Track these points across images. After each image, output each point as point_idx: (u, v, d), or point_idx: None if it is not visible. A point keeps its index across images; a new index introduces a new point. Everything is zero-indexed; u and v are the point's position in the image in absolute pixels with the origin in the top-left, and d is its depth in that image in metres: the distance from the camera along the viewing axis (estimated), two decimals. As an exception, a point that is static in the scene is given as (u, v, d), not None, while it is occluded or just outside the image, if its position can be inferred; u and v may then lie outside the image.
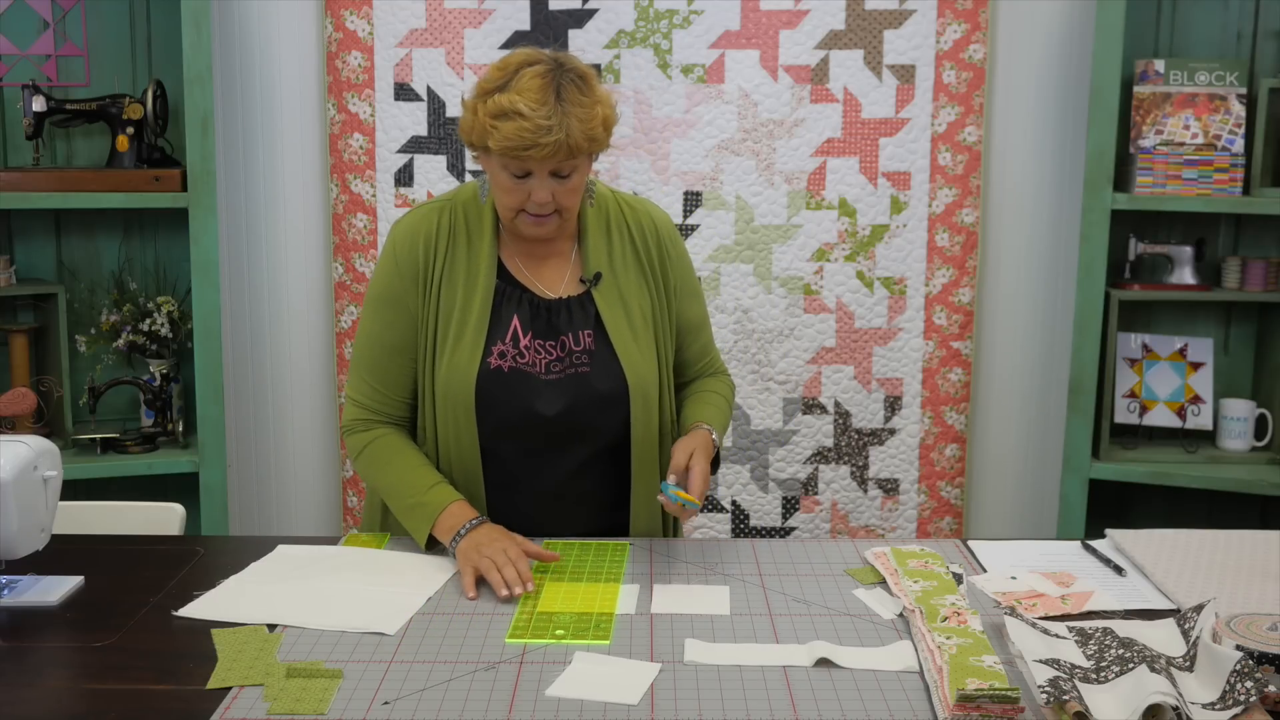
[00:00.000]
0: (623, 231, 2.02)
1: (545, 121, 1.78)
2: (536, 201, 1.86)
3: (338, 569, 1.86)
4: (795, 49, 3.08)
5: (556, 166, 1.84)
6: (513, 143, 1.79)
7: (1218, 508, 3.17)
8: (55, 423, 3.07)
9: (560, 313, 1.96)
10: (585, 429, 1.96)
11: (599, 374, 1.95)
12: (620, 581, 1.80)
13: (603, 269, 1.99)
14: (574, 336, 1.96)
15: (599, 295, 1.98)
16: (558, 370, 1.94)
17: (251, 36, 3.17)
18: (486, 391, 1.92)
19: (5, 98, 3.07)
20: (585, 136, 1.82)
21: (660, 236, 2.04)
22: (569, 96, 1.81)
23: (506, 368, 1.93)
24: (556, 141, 1.79)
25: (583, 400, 1.94)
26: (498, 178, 1.88)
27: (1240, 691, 1.37)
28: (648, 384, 1.97)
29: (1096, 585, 1.80)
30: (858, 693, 1.46)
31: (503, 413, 1.93)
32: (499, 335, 1.94)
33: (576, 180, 1.88)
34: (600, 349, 1.96)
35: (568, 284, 1.99)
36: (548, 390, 1.93)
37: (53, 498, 1.75)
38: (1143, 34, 3.09)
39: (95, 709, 1.44)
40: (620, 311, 1.98)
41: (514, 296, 1.96)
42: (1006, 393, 3.30)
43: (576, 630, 1.63)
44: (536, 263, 2.00)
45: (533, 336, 1.95)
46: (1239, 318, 3.20)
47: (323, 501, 3.35)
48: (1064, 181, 3.19)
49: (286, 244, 3.25)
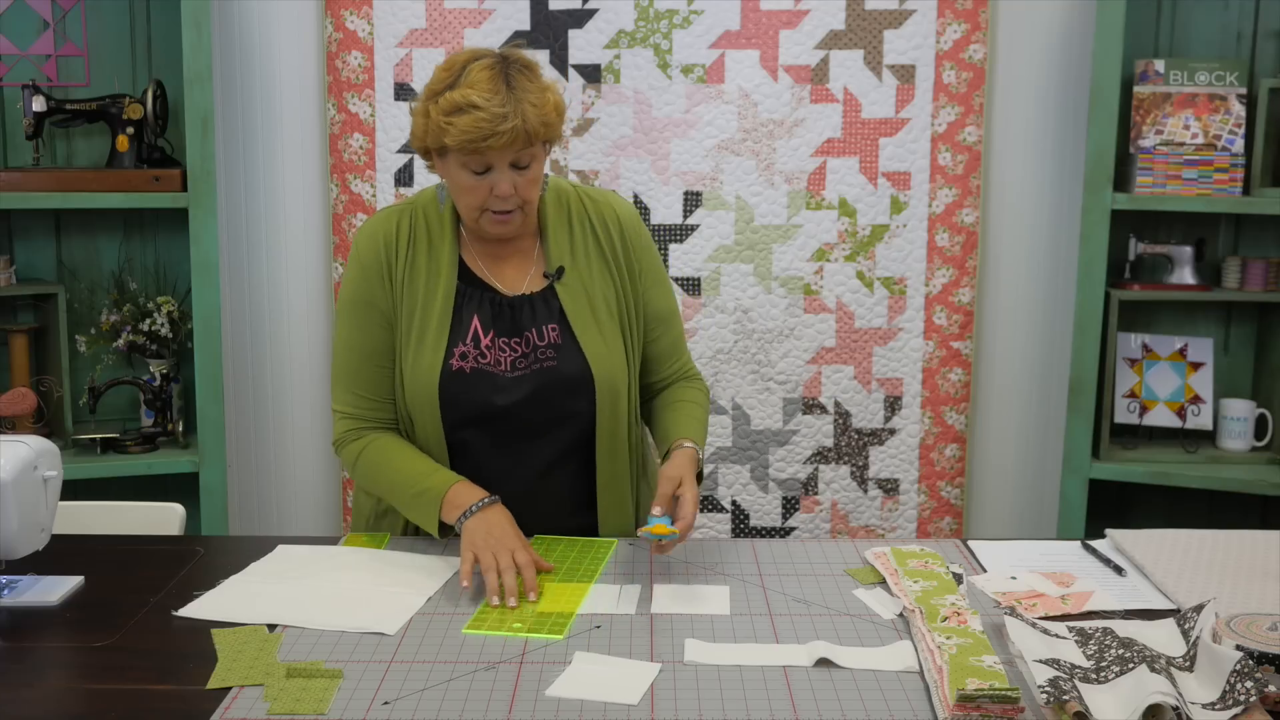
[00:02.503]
0: (584, 224, 2.02)
1: (500, 109, 1.79)
2: (499, 195, 1.86)
3: (338, 569, 1.86)
4: (795, 49, 3.08)
5: (515, 157, 1.84)
6: (470, 135, 1.79)
7: (1218, 508, 3.17)
8: (55, 423, 3.07)
9: (523, 309, 1.97)
10: (550, 417, 1.96)
11: (564, 365, 1.95)
12: (593, 581, 1.80)
13: (565, 262, 1.99)
14: (538, 332, 1.96)
15: (562, 289, 1.98)
16: (522, 367, 1.94)
17: (251, 36, 3.17)
18: (448, 391, 1.92)
19: (5, 98, 3.07)
20: (540, 121, 1.83)
21: (623, 226, 2.03)
22: (519, 84, 1.82)
23: (468, 368, 1.93)
24: (514, 128, 1.79)
25: (546, 388, 1.94)
26: (457, 179, 1.87)
27: (1240, 691, 1.37)
28: (613, 373, 1.96)
29: (1096, 585, 1.80)
30: (858, 693, 1.46)
31: (465, 409, 1.93)
32: (460, 336, 1.94)
33: (535, 170, 1.88)
34: (566, 341, 1.96)
35: (531, 280, 1.99)
36: (511, 388, 1.93)
37: (53, 498, 1.75)
38: (1143, 34, 3.09)
39: (95, 709, 1.44)
40: (584, 303, 1.98)
41: (474, 296, 1.96)
42: (1006, 393, 3.30)
43: (534, 625, 1.65)
44: (499, 262, 2.00)
45: (494, 335, 1.95)
46: (1239, 318, 3.20)
47: (323, 501, 3.35)
48: (1064, 181, 3.19)
49: (286, 244, 3.25)
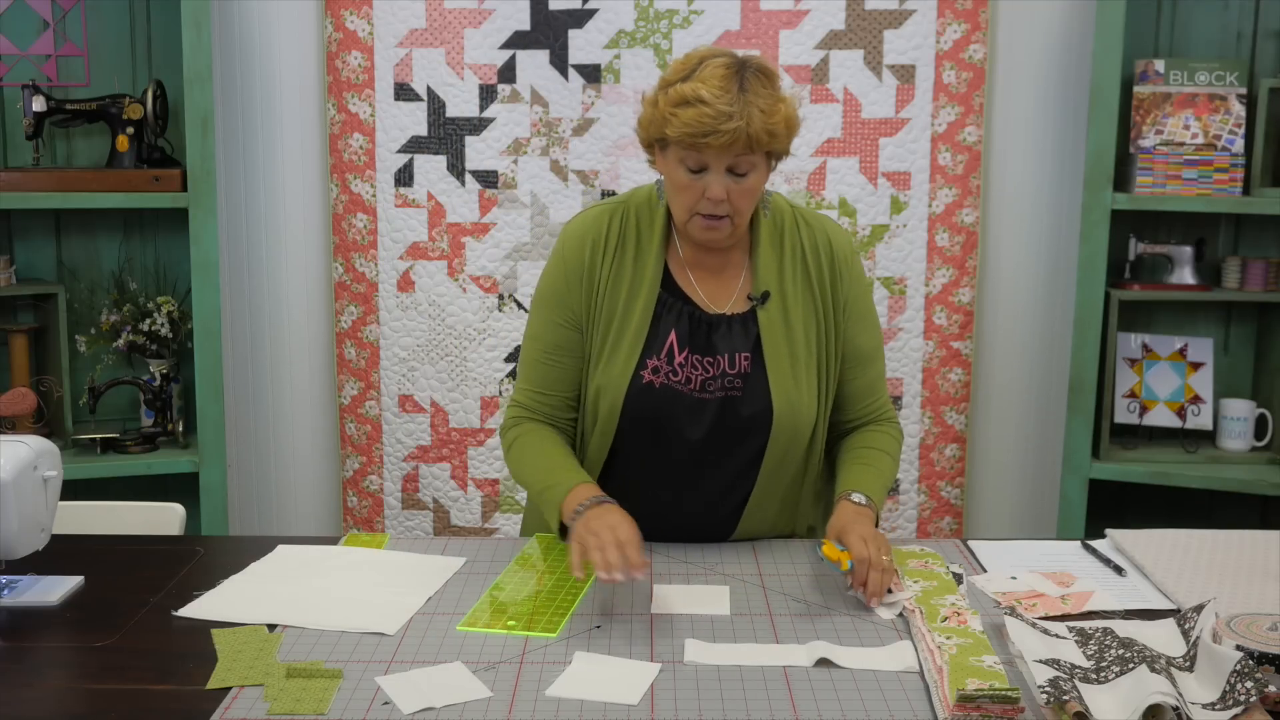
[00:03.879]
0: (796, 249, 1.95)
1: (727, 108, 1.74)
2: (711, 198, 1.80)
3: (338, 569, 1.86)
4: (795, 49, 3.08)
5: (734, 161, 1.78)
6: (692, 129, 1.75)
7: (1218, 508, 3.17)
8: (55, 423, 3.07)
9: (720, 329, 1.91)
10: (723, 457, 1.92)
11: (748, 399, 1.89)
12: (591, 581, 1.79)
13: (772, 287, 1.92)
14: (729, 358, 1.90)
15: (763, 315, 1.91)
16: (711, 389, 1.90)
17: (251, 36, 3.17)
18: (634, 405, 1.89)
19: (5, 98, 3.07)
20: (765, 129, 1.76)
21: (835, 256, 1.95)
22: (752, 88, 1.76)
23: (658, 384, 1.89)
24: (736, 129, 1.74)
25: (726, 426, 1.90)
26: (674, 175, 1.83)
27: (1240, 691, 1.37)
28: (796, 413, 1.90)
29: (1096, 585, 1.79)
30: (858, 693, 1.46)
31: (646, 424, 1.90)
32: (655, 349, 1.90)
33: (753, 181, 1.81)
34: (755, 372, 1.90)
35: (735, 300, 1.93)
36: (695, 410, 1.89)
37: (53, 498, 1.75)
38: (1143, 34, 3.09)
39: (95, 709, 1.44)
40: (782, 334, 1.91)
41: (674, 308, 1.91)
42: (1006, 393, 3.30)
43: (528, 623, 1.65)
44: (705, 273, 1.94)
45: (689, 352, 1.90)
46: (1239, 318, 3.20)
47: (323, 501, 3.35)
48: (1064, 181, 3.19)
49: (286, 244, 3.25)
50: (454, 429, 3.20)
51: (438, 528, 3.24)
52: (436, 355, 3.18)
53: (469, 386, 3.18)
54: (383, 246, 3.15)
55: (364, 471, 3.24)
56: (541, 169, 3.12)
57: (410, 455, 3.22)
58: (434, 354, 3.18)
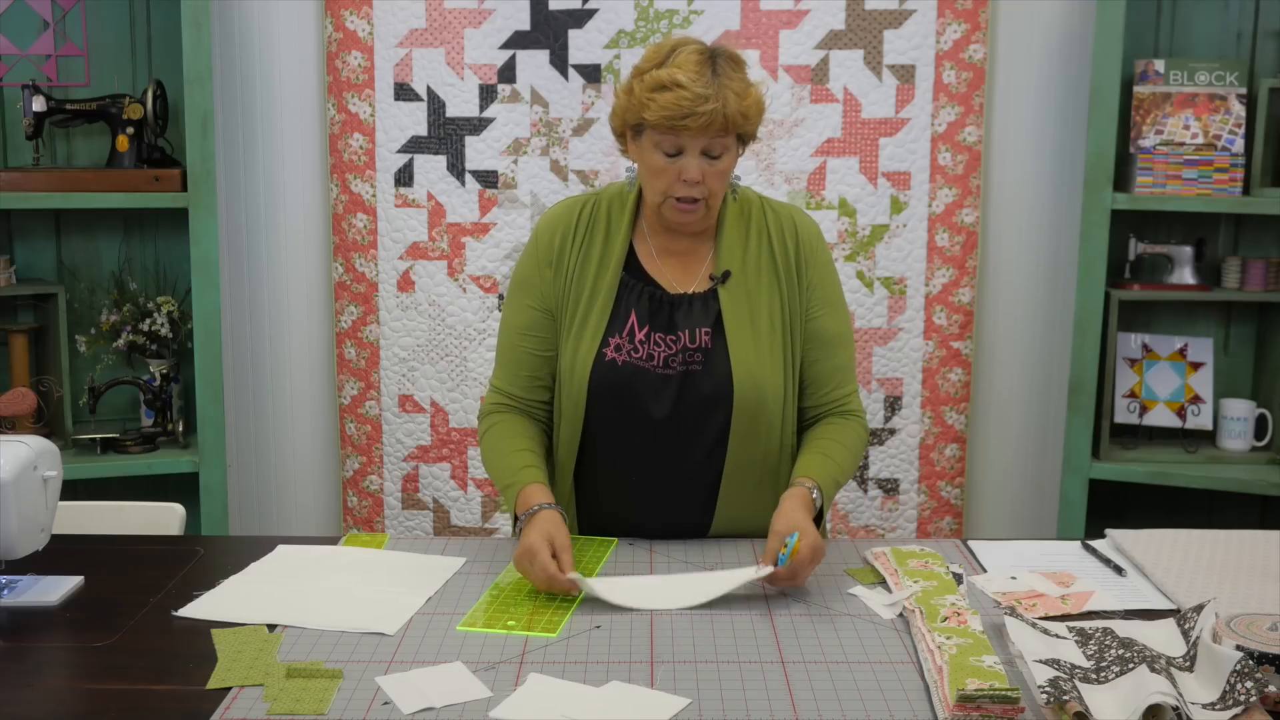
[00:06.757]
0: (762, 235, 2.01)
1: (703, 91, 1.81)
2: (687, 179, 1.86)
3: (338, 569, 1.86)
4: (795, 49, 3.08)
5: (708, 144, 1.85)
6: (670, 112, 1.81)
7: (1218, 508, 3.17)
8: (55, 423, 3.07)
9: (681, 308, 1.97)
10: (689, 432, 1.96)
11: (708, 373, 1.94)
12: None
13: (735, 267, 1.98)
14: (690, 333, 1.95)
15: (724, 293, 1.97)
16: (673, 365, 1.94)
17: (251, 36, 3.17)
18: (599, 382, 1.94)
19: (5, 98, 3.07)
20: (739, 111, 1.84)
21: (800, 239, 2.01)
22: (725, 72, 1.84)
23: (620, 361, 1.94)
24: (713, 111, 1.81)
25: (688, 400, 1.94)
26: (649, 159, 1.89)
27: (1240, 691, 1.37)
28: (759, 383, 1.94)
29: (1096, 585, 1.80)
30: (858, 693, 1.46)
31: (611, 402, 1.95)
32: (617, 328, 1.96)
33: (725, 163, 1.88)
34: (717, 347, 1.95)
35: (699, 281, 1.99)
36: (658, 386, 1.94)
37: (53, 498, 1.75)
38: (1143, 34, 3.09)
39: (95, 709, 1.44)
40: (744, 311, 1.96)
41: (636, 290, 1.97)
42: (1006, 393, 3.30)
43: (528, 623, 1.65)
44: (669, 258, 2.00)
45: (650, 330, 1.95)
46: (1239, 318, 3.20)
47: (323, 501, 3.35)
48: (1064, 181, 3.19)
49: (286, 244, 3.25)
50: (454, 429, 3.20)
51: (438, 528, 3.24)
52: (436, 355, 3.18)
53: (469, 386, 3.18)
54: (383, 246, 3.15)
55: (364, 471, 3.24)
56: (541, 169, 3.12)
57: (410, 455, 3.22)
58: (434, 354, 3.18)
